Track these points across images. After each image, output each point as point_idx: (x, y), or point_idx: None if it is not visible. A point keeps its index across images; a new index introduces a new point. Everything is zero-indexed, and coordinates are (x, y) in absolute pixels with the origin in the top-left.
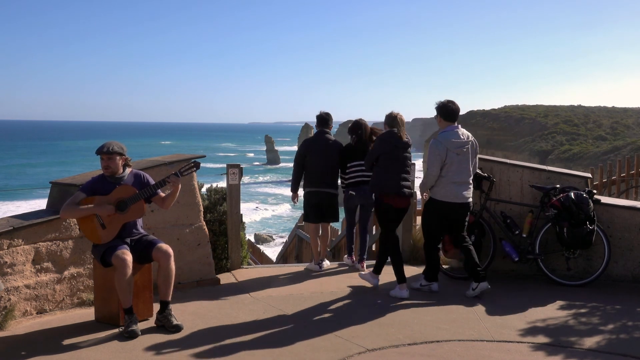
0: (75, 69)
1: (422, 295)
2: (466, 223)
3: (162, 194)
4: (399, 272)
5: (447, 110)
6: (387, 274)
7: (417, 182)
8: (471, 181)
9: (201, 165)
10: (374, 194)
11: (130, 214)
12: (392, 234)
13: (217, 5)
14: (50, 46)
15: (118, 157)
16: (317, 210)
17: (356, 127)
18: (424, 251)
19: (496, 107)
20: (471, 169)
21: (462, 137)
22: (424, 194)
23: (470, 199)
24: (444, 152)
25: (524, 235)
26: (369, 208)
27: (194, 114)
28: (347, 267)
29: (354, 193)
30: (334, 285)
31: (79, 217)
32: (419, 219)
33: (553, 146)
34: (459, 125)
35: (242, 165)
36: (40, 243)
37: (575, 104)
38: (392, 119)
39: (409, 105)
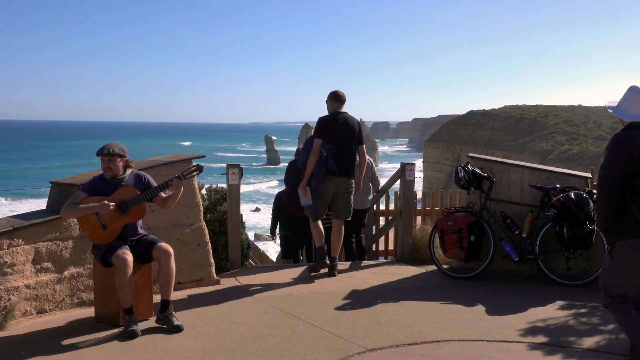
0: (75, 69)
1: (422, 295)
2: (361, 223)
3: (164, 195)
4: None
5: None
6: (387, 274)
7: (417, 183)
8: (366, 193)
9: (200, 163)
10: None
11: (131, 215)
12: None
13: (217, 5)
14: (50, 46)
15: (119, 159)
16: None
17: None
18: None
19: (496, 107)
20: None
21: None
22: None
23: (364, 206)
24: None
25: (524, 235)
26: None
27: (194, 114)
28: (347, 267)
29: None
30: (334, 285)
31: (80, 217)
32: (419, 219)
33: (553, 146)
34: None
35: (242, 165)
36: (40, 243)
37: (575, 104)
38: (297, 151)
39: (409, 105)
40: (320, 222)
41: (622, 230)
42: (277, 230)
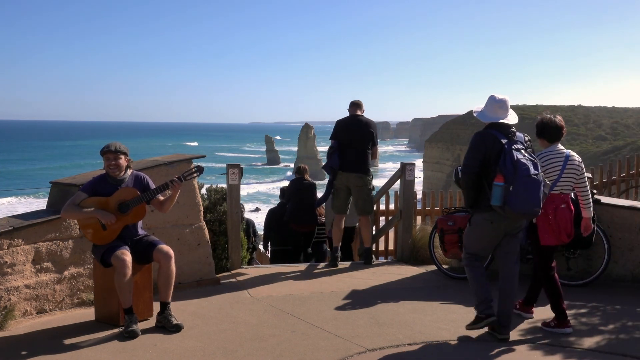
0: (76, 69)
1: (422, 295)
2: (350, 239)
3: (161, 197)
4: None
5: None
6: (387, 274)
7: (417, 183)
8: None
9: (199, 163)
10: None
11: (131, 216)
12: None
13: (217, 5)
14: (50, 46)
15: (123, 157)
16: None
17: None
18: None
19: None
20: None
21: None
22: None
23: (353, 224)
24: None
25: None
26: None
27: (194, 114)
28: (347, 267)
29: None
30: (334, 285)
31: (79, 219)
32: (419, 219)
33: None
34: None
35: (242, 165)
36: (40, 243)
37: (575, 104)
38: (297, 169)
39: (409, 105)
40: (342, 223)
41: (480, 204)
42: (269, 245)
